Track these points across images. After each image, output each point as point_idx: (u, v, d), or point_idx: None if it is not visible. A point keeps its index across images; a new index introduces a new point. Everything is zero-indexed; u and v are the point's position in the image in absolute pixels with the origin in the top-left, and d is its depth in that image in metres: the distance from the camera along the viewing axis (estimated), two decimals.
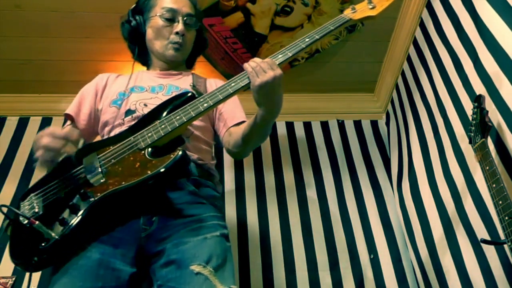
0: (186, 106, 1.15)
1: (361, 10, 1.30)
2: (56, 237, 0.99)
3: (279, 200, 2.20)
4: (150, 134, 1.12)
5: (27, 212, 1.06)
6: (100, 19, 2.07)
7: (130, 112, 1.32)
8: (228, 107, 1.41)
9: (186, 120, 1.12)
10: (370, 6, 1.29)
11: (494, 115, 1.38)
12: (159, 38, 1.43)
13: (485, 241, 1.26)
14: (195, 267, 1.03)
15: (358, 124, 2.51)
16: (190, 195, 1.19)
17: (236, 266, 1.98)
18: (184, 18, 1.43)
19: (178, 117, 1.13)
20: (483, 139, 1.27)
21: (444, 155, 1.73)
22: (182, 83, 1.42)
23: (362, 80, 2.53)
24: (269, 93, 1.11)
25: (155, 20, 1.43)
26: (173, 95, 1.28)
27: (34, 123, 2.36)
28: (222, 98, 1.14)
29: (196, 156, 1.29)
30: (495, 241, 1.29)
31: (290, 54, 1.19)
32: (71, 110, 1.41)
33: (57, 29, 2.10)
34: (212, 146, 1.43)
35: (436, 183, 1.77)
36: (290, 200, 2.20)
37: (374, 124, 2.53)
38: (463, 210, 1.56)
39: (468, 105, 1.58)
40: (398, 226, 2.14)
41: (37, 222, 0.99)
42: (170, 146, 1.13)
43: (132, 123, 1.28)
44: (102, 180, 1.06)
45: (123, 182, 1.04)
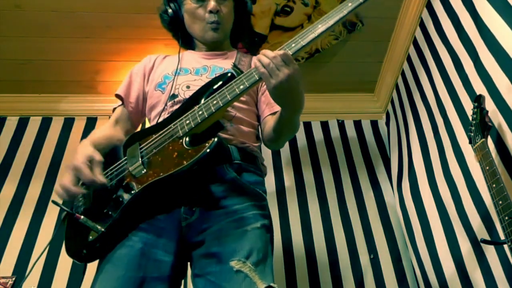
0: (223, 89, 1.09)
1: None
2: (102, 229, 1.01)
3: (279, 200, 2.20)
4: (188, 122, 1.09)
5: (80, 204, 1.08)
6: (100, 19, 2.07)
7: (173, 96, 1.29)
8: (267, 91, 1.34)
9: (222, 105, 1.06)
10: None
11: (494, 115, 1.38)
12: (195, 20, 1.39)
13: (485, 241, 1.26)
14: (235, 264, 1.01)
15: (358, 124, 2.51)
16: (230, 183, 1.15)
17: None
18: None
19: (215, 101, 1.07)
20: (483, 139, 1.27)
21: (444, 155, 1.73)
22: (227, 64, 1.35)
23: (362, 80, 2.53)
24: (286, 93, 1.06)
25: (188, 3, 1.40)
26: (218, 73, 1.24)
27: (34, 123, 2.36)
28: (258, 78, 1.06)
29: (238, 139, 1.24)
30: (495, 241, 1.29)
31: (303, 43, 1.09)
32: (121, 91, 1.39)
33: (57, 29, 2.10)
34: (256, 127, 1.36)
35: (436, 183, 1.77)
36: (290, 200, 2.20)
37: (374, 124, 2.53)
38: (463, 210, 1.56)
39: (468, 105, 1.58)
40: (398, 226, 2.14)
41: (82, 217, 1.01)
42: (209, 132, 1.09)
43: (173, 108, 1.25)
44: (144, 171, 1.05)
45: (161, 173, 1.03)
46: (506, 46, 1.38)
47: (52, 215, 2.04)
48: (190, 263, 1.12)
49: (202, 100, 1.12)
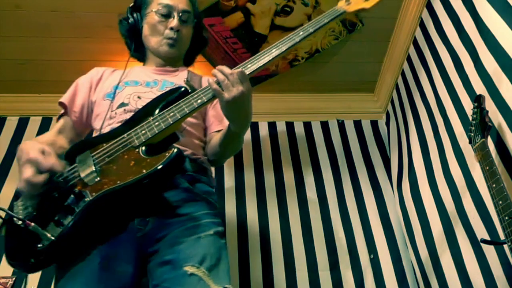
0: (179, 102, 1.13)
1: (355, 2, 1.29)
2: (52, 238, 0.98)
3: (279, 200, 2.20)
4: (144, 132, 1.10)
5: (21, 212, 1.04)
6: (100, 19, 2.07)
7: (122, 105, 1.31)
8: (214, 111, 1.41)
9: (180, 117, 1.10)
10: None
11: (494, 115, 1.38)
12: (154, 34, 1.43)
13: (485, 241, 1.26)
14: (189, 268, 1.03)
15: (358, 124, 2.51)
16: (184, 192, 1.18)
17: (236, 266, 1.98)
18: (180, 14, 1.43)
19: (171, 113, 1.11)
20: (483, 139, 1.27)
21: (444, 155, 1.73)
22: (178, 80, 1.41)
23: (362, 80, 2.53)
24: (237, 109, 1.10)
25: (151, 15, 1.44)
26: (169, 87, 1.28)
27: (34, 123, 2.36)
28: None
29: (190, 151, 1.28)
30: (495, 241, 1.29)
31: (261, 64, 1.15)
32: (66, 99, 1.41)
33: (57, 29, 2.10)
34: (204, 142, 1.41)
35: (436, 183, 1.77)
36: (290, 200, 2.20)
37: (374, 124, 2.53)
38: (463, 210, 1.56)
39: (468, 105, 1.58)
40: (398, 226, 2.13)
41: (32, 224, 0.98)
42: (165, 143, 1.12)
43: (124, 116, 1.27)
44: (97, 179, 1.04)
45: (119, 181, 1.03)
46: (506, 46, 1.38)
47: None
48: (149, 277, 1.11)
49: (156, 112, 1.15)
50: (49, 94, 2.40)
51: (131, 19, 1.48)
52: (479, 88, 1.50)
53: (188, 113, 1.11)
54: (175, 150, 1.05)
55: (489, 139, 1.30)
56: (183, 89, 1.20)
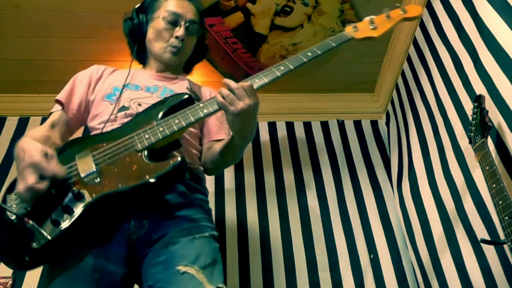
0: (185, 110, 1.12)
1: (362, 29, 1.30)
2: (49, 237, 0.96)
3: (279, 200, 2.20)
4: (147, 136, 1.09)
5: (14, 206, 1.01)
6: (100, 19, 2.07)
7: (123, 108, 1.31)
8: (216, 119, 1.41)
9: (185, 125, 1.09)
10: (372, 27, 1.30)
11: (494, 115, 1.38)
12: (158, 39, 1.43)
13: (485, 241, 1.26)
14: (182, 267, 1.04)
15: (358, 124, 2.51)
16: (181, 196, 1.19)
17: (236, 266, 1.98)
18: (187, 24, 1.43)
19: (177, 121, 1.10)
20: (483, 139, 1.27)
21: (444, 155, 1.73)
22: (177, 88, 1.41)
23: (362, 80, 2.53)
24: (242, 121, 1.10)
25: (158, 21, 1.43)
26: (169, 95, 1.28)
27: (34, 123, 2.35)
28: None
29: (188, 160, 1.28)
30: (495, 241, 1.29)
31: (266, 80, 1.14)
32: (62, 96, 1.39)
33: (57, 29, 2.10)
34: (199, 151, 1.41)
35: (436, 183, 1.77)
36: (290, 200, 2.20)
37: (374, 124, 2.53)
38: (463, 210, 1.56)
39: (468, 105, 1.58)
40: (398, 226, 2.13)
41: (30, 222, 0.95)
42: (167, 149, 1.11)
43: (125, 120, 1.26)
44: (97, 180, 1.03)
45: (120, 185, 1.02)
46: (506, 46, 1.38)
47: None
48: (143, 278, 1.11)
49: (159, 116, 1.15)
50: (49, 94, 2.39)
51: (136, 20, 1.47)
52: (479, 88, 1.50)
53: (193, 121, 1.10)
54: (179, 159, 1.05)
55: (489, 139, 1.30)
56: (186, 96, 1.19)
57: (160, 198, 1.14)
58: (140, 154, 1.07)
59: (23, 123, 2.35)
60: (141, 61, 1.55)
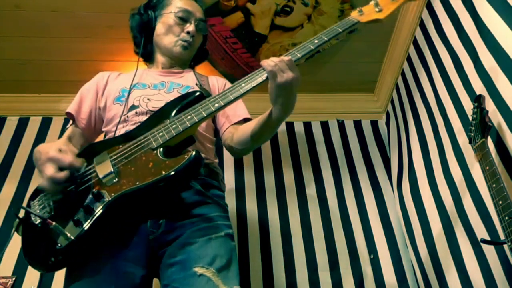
0: (196, 106, 1.14)
1: (368, 13, 1.29)
2: (72, 237, 0.98)
3: (279, 200, 2.20)
4: (161, 134, 1.11)
5: (38, 211, 1.06)
6: (100, 19, 2.07)
7: (133, 107, 1.32)
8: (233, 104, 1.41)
9: (197, 121, 1.11)
10: (377, 9, 1.28)
11: (494, 115, 1.38)
12: (169, 33, 1.46)
13: (485, 241, 1.26)
14: (198, 269, 1.04)
15: (358, 124, 2.51)
16: (197, 195, 1.19)
17: None
18: (197, 22, 1.47)
19: (189, 117, 1.12)
20: (483, 139, 1.27)
21: (444, 155, 1.73)
22: (184, 81, 1.43)
23: (362, 80, 2.53)
24: (287, 94, 1.11)
25: (169, 16, 1.46)
26: (176, 95, 1.28)
27: (34, 123, 2.36)
28: (233, 99, 1.13)
29: (203, 155, 1.28)
30: (495, 241, 1.29)
31: (299, 55, 1.18)
32: (72, 108, 1.41)
33: (57, 29, 2.10)
34: (214, 143, 1.43)
35: (436, 183, 1.77)
36: (290, 200, 2.20)
37: (374, 124, 2.53)
38: (463, 210, 1.56)
39: (468, 105, 1.58)
40: (398, 226, 2.14)
41: (53, 223, 0.98)
42: (181, 146, 1.13)
43: (136, 118, 1.29)
44: (115, 180, 1.05)
45: (137, 182, 1.03)
46: (506, 46, 1.38)
47: None
48: (158, 277, 1.13)
49: (173, 114, 1.17)
50: (49, 94, 2.41)
51: (145, 16, 1.49)
52: (479, 88, 1.50)
53: (205, 116, 1.11)
54: (194, 153, 1.05)
55: (489, 139, 1.30)
56: (198, 93, 1.21)
57: (176, 196, 1.15)
58: (155, 152, 1.08)
59: (23, 123, 2.35)
60: (146, 58, 1.56)
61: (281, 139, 2.41)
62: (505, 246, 1.19)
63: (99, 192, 1.03)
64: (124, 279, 1.05)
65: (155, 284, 1.19)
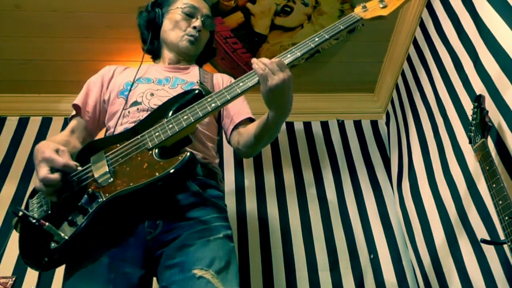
0: (193, 105, 1.13)
1: (372, 9, 1.25)
2: (66, 237, 0.98)
3: (279, 200, 2.20)
4: (157, 134, 1.10)
5: (35, 210, 1.07)
6: (100, 19, 2.07)
7: (135, 103, 1.32)
8: (233, 104, 1.39)
9: (193, 121, 1.09)
10: (381, 5, 1.24)
11: (494, 115, 1.38)
12: (175, 29, 1.47)
13: (485, 241, 1.26)
14: (197, 271, 1.04)
15: (358, 124, 2.51)
16: (193, 196, 1.18)
17: None
18: (203, 18, 1.49)
19: (185, 117, 1.10)
20: (483, 139, 1.27)
21: (444, 155, 1.73)
22: (189, 77, 1.43)
23: (362, 80, 2.53)
24: (279, 96, 1.09)
25: (176, 12, 1.48)
26: (179, 91, 1.28)
27: (34, 123, 2.36)
28: (230, 98, 1.11)
29: (201, 155, 1.29)
30: (495, 241, 1.29)
31: (299, 54, 1.15)
32: (79, 100, 1.41)
33: (57, 29, 2.10)
34: (215, 142, 1.42)
35: (436, 183, 1.77)
36: (290, 200, 2.20)
37: (374, 124, 2.53)
38: (463, 210, 1.56)
39: (468, 105, 1.58)
40: (398, 226, 2.14)
41: (47, 224, 0.98)
42: (178, 146, 1.12)
43: (137, 115, 1.28)
44: (110, 180, 1.04)
45: (131, 183, 1.03)
46: (506, 46, 1.38)
47: None
48: (156, 277, 1.13)
49: (170, 114, 1.15)
50: (49, 94, 2.41)
51: (152, 13, 1.51)
52: (479, 88, 1.50)
53: (201, 116, 1.10)
54: (188, 154, 1.04)
55: (489, 139, 1.30)
56: (197, 91, 1.20)
57: (172, 198, 1.14)
58: (151, 152, 1.08)
59: (23, 123, 2.35)
60: (153, 54, 1.57)
61: (281, 139, 2.41)
62: (505, 246, 1.19)
63: (94, 192, 1.03)
64: (122, 279, 1.05)
65: (155, 284, 1.19)
